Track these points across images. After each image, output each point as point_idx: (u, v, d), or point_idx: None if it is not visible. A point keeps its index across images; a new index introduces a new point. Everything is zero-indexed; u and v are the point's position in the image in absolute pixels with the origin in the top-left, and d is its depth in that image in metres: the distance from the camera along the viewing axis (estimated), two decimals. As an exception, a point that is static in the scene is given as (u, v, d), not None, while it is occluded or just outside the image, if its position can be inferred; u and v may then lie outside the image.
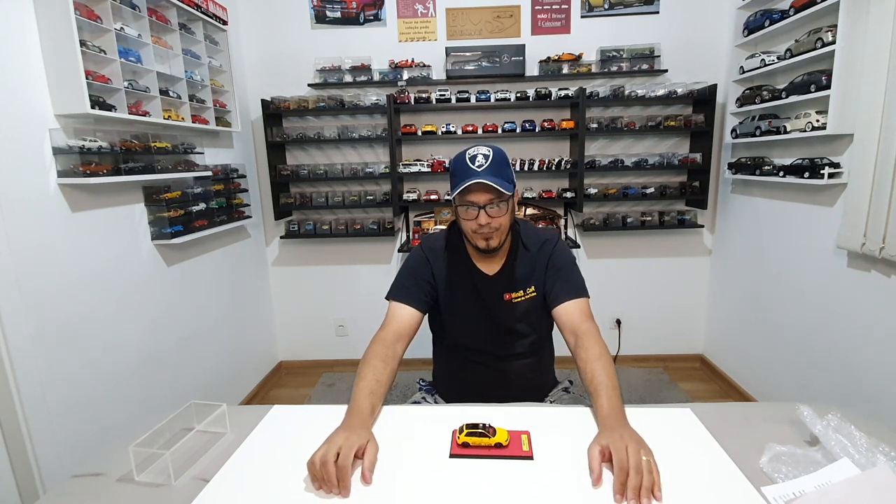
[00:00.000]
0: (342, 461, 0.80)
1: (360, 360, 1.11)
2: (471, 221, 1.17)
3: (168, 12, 1.95)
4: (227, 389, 2.52)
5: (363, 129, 2.68)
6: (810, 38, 1.89)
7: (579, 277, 1.26)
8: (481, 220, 1.15)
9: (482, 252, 1.22)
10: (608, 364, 1.04)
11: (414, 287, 1.26)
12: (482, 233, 1.17)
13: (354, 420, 0.93)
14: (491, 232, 1.17)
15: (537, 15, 2.68)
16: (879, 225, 1.62)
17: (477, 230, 1.17)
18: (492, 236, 1.18)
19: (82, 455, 1.56)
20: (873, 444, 0.79)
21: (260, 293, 2.92)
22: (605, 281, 2.92)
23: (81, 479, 0.86)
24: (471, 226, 1.18)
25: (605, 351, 1.08)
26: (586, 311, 1.20)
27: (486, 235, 1.17)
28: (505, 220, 1.18)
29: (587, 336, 1.11)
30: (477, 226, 1.16)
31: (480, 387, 1.32)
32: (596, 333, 1.12)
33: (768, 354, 2.38)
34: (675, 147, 2.81)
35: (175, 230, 1.96)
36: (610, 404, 0.94)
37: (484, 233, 1.17)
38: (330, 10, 2.69)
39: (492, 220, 1.15)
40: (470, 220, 1.17)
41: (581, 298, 1.21)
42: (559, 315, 1.21)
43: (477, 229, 1.17)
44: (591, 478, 0.81)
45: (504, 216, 1.17)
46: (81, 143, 1.56)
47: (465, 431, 0.90)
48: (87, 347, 1.63)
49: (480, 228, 1.16)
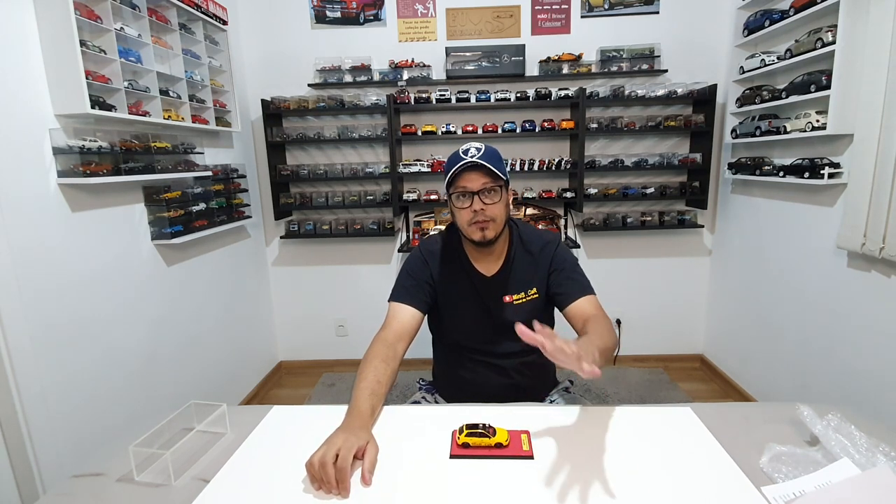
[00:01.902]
0: (341, 462, 0.80)
1: (361, 359, 1.11)
2: (465, 210, 1.17)
3: (168, 12, 1.95)
4: (227, 389, 2.52)
5: (363, 129, 2.68)
6: (810, 38, 1.89)
7: (584, 277, 1.27)
8: (475, 205, 1.15)
9: (478, 245, 1.22)
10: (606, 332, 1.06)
11: (414, 288, 1.26)
12: (477, 221, 1.17)
13: (354, 421, 0.92)
14: (486, 221, 1.17)
15: (537, 15, 2.68)
16: (879, 225, 1.62)
17: (472, 219, 1.17)
18: (487, 226, 1.17)
19: (82, 455, 1.55)
20: (873, 444, 0.79)
21: (260, 293, 2.92)
22: (605, 281, 2.91)
23: (81, 479, 0.86)
24: (465, 215, 1.17)
25: (611, 328, 1.10)
26: (597, 304, 1.22)
27: (481, 225, 1.17)
28: (500, 211, 1.18)
29: (597, 318, 1.14)
30: (471, 213, 1.16)
31: (480, 387, 1.31)
32: (607, 319, 1.15)
33: (768, 354, 2.38)
34: (675, 147, 2.81)
35: (175, 230, 1.96)
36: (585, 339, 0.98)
37: (479, 222, 1.17)
38: (330, 10, 2.69)
39: (486, 207, 1.15)
40: (464, 208, 1.17)
41: (590, 295, 1.23)
42: (571, 313, 1.22)
43: (472, 218, 1.17)
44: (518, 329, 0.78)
45: (498, 205, 1.17)
46: (81, 143, 1.56)
47: (465, 432, 0.90)
48: (87, 347, 1.63)
49: (475, 216, 1.16)
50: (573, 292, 1.23)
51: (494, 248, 1.26)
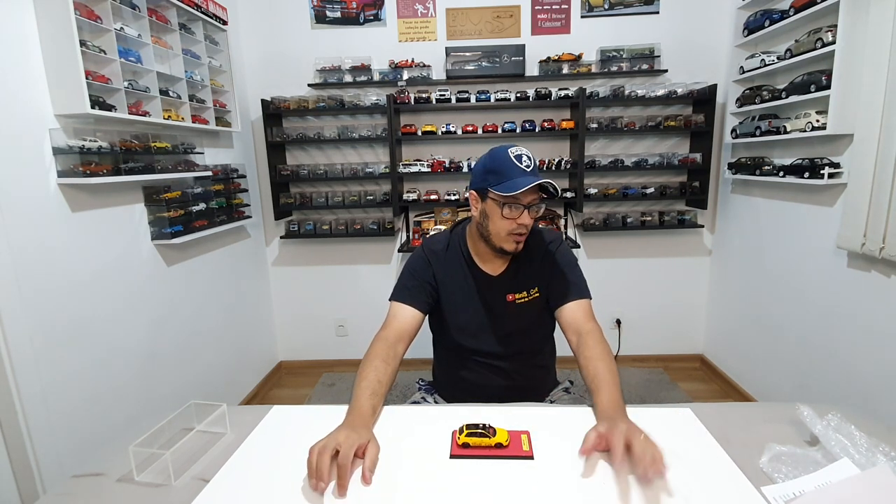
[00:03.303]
0: (342, 459, 0.79)
1: (362, 359, 1.11)
2: (510, 221, 1.16)
3: (168, 12, 1.95)
4: (227, 389, 2.52)
5: (363, 129, 2.68)
6: (810, 38, 1.89)
7: (581, 278, 1.27)
8: (524, 220, 1.16)
9: (506, 255, 1.23)
10: (610, 363, 1.05)
11: (415, 288, 1.26)
12: (518, 233, 1.18)
13: (356, 420, 0.92)
14: (526, 234, 1.19)
15: (537, 15, 2.68)
16: (879, 225, 1.62)
17: (514, 230, 1.17)
18: (523, 239, 1.19)
19: (82, 455, 1.56)
20: (873, 444, 0.79)
21: (260, 293, 2.92)
22: (605, 281, 2.92)
23: (81, 479, 0.86)
24: (509, 226, 1.17)
25: (608, 350, 1.09)
26: (589, 311, 1.21)
27: (519, 238, 1.19)
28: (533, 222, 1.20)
29: (590, 336, 1.13)
30: (517, 226, 1.16)
31: (480, 387, 1.31)
32: (599, 333, 1.14)
33: (768, 354, 2.38)
34: (675, 147, 2.81)
35: (175, 230, 1.96)
36: (610, 398, 0.95)
37: (520, 234, 1.18)
38: (330, 10, 2.69)
39: (530, 221, 1.17)
40: (511, 219, 1.16)
41: (584, 299, 1.23)
42: (562, 315, 1.22)
43: (515, 230, 1.17)
44: (580, 449, 0.84)
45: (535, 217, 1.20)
46: (81, 143, 1.56)
47: (465, 432, 0.89)
48: (87, 347, 1.63)
49: (518, 228, 1.17)
50: (566, 294, 1.23)
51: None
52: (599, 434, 0.84)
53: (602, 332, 1.15)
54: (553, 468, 0.84)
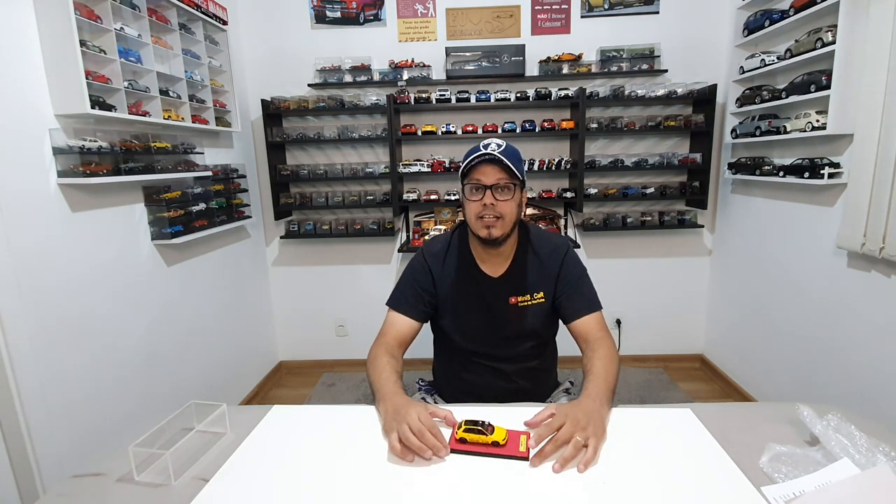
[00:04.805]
0: (434, 428, 0.87)
1: (368, 361, 1.15)
2: (475, 203, 1.15)
3: (168, 12, 1.95)
4: (227, 389, 2.52)
5: (363, 129, 2.68)
6: (810, 38, 1.89)
7: (592, 290, 1.27)
8: (486, 199, 1.13)
9: (484, 243, 1.20)
10: (609, 362, 1.07)
11: (413, 297, 1.27)
12: (486, 217, 1.15)
13: (402, 398, 0.98)
14: (494, 219, 1.15)
15: (537, 15, 2.68)
16: (879, 225, 1.62)
17: (481, 213, 1.15)
18: (495, 224, 1.15)
19: (82, 455, 1.55)
20: (873, 444, 0.79)
21: (260, 293, 2.92)
22: (605, 281, 2.90)
23: (81, 479, 0.86)
24: (475, 209, 1.16)
25: (613, 354, 1.11)
26: (602, 323, 1.22)
27: (489, 222, 1.15)
28: (510, 210, 1.16)
29: (600, 341, 1.16)
30: (481, 207, 1.14)
31: (481, 388, 1.31)
32: (609, 341, 1.17)
33: (768, 354, 2.38)
34: (675, 147, 2.81)
35: (175, 230, 1.96)
36: (595, 386, 1.00)
37: (488, 218, 1.15)
38: (330, 10, 2.69)
39: (497, 203, 1.14)
40: (475, 200, 1.15)
41: (596, 312, 1.23)
42: (576, 329, 1.23)
43: (481, 212, 1.15)
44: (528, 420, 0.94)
45: (510, 203, 1.15)
46: (81, 143, 1.55)
47: (463, 427, 0.90)
48: (87, 347, 1.63)
49: (484, 210, 1.14)
50: (580, 308, 1.23)
51: (502, 248, 1.24)
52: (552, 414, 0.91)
53: (613, 340, 1.18)
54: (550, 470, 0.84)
